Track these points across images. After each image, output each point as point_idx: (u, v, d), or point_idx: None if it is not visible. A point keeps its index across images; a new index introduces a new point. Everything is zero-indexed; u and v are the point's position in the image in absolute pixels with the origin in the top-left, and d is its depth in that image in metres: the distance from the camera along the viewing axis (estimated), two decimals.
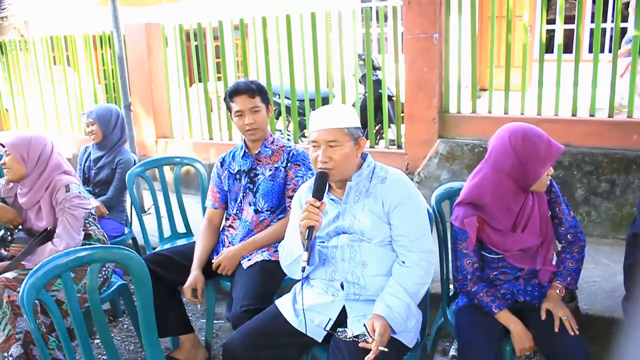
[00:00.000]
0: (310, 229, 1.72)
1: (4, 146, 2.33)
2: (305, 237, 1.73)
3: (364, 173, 1.87)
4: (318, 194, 1.76)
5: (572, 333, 1.77)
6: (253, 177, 2.41)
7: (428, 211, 1.96)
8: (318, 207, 1.73)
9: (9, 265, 2.25)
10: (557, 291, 1.89)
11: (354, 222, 1.84)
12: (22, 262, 2.26)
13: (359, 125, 1.86)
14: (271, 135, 2.46)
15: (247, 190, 2.42)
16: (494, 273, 1.96)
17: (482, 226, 1.88)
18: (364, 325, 1.71)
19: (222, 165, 2.51)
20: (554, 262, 1.96)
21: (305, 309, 1.86)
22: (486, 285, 1.92)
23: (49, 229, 2.33)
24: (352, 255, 1.84)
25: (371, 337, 1.65)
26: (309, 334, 1.83)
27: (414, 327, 1.83)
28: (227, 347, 1.83)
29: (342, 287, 1.85)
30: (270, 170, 2.39)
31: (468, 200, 1.91)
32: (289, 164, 2.39)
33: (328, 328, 1.81)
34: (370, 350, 1.62)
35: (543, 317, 1.83)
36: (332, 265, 1.87)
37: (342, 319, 1.83)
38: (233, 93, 2.33)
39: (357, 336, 1.69)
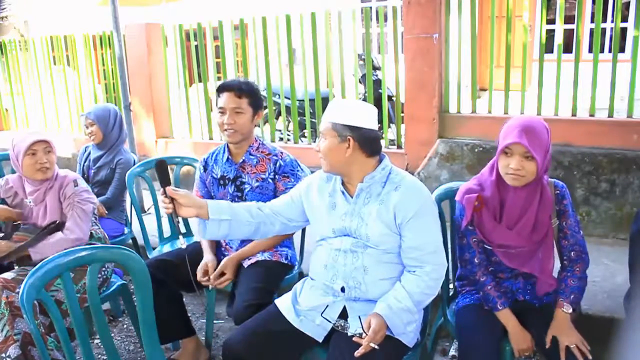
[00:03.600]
0: (170, 215, 1.83)
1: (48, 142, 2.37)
2: (174, 221, 1.85)
3: (377, 177, 1.81)
4: (161, 183, 1.82)
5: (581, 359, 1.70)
6: (239, 186, 2.35)
7: None
8: (165, 196, 1.79)
9: (17, 249, 2.25)
10: (564, 309, 1.80)
11: (360, 225, 1.80)
12: (29, 252, 2.25)
13: (356, 124, 1.75)
14: (256, 140, 2.37)
15: (236, 199, 2.36)
16: (490, 269, 1.95)
17: (481, 206, 1.87)
18: (359, 317, 1.71)
19: (205, 170, 2.45)
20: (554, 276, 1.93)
21: (306, 309, 1.86)
22: (493, 279, 1.91)
23: (57, 222, 2.35)
24: (353, 260, 1.81)
25: (365, 332, 1.65)
26: (310, 333, 1.83)
27: (415, 328, 1.83)
28: (227, 346, 1.83)
29: (342, 290, 1.84)
30: (257, 181, 2.33)
31: (476, 181, 1.93)
32: (277, 176, 2.32)
33: (329, 327, 1.81)
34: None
35: (548, 345, 1.76)
36: (334, 269, 1.85)
37: (343, 319, 1.82)
38: (221, 88, 2.27)
39: (355, 332, 1.69)
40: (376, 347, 1.62)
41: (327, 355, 1.77)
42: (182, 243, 1.96)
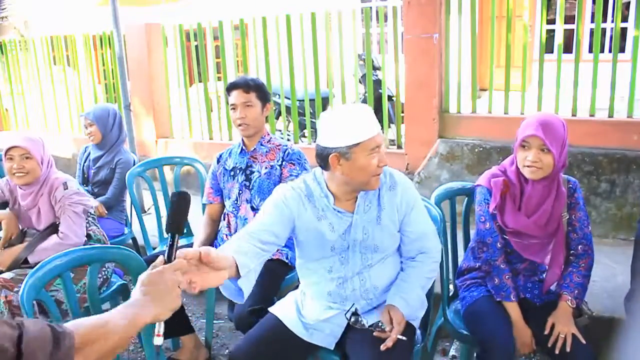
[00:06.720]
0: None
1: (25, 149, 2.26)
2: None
3: None
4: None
5: (564, 348, 1.73)
6: (249, 175, 2.46)
7: (429, 210, 1.99)
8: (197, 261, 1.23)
9: (16, 259, 2.25)
10: (568, 302, 1.84)
11: (367, 235, 1.77)
12: (28, 258, 2.25)
13: None
14: (268, 134, 2.50)
15: (244, 188, 2.45)
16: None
17: (506, 189, 1.91)
18: (372, 311, 1.74)
19: (218, 162, 2.58)
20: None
21: (314, 322, 1.82)
22: (510, 271, 1.92)
23: (53, 224, 2.34)
24: (361, 283, 1.80)
25: (388, 326, 1.65)
26: (321, 344, 1.80)
27: (422, 309, 1.87)
28: (233, 357, 1.78)
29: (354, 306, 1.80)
30: (266, 168, 2.43)
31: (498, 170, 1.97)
32: (284, 162, 2.42)
33: (339, 334, 1.80)
34: (386, 338, 1.63)
35: (547, 331, 1.79)
36: (340, 296, 1.81)
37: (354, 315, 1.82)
38: (231, 86, 2.43)
39: (371, 325, 1.68)
40: (404, 338, 1.64)
41: (333, 358, 1.77)
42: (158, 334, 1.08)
